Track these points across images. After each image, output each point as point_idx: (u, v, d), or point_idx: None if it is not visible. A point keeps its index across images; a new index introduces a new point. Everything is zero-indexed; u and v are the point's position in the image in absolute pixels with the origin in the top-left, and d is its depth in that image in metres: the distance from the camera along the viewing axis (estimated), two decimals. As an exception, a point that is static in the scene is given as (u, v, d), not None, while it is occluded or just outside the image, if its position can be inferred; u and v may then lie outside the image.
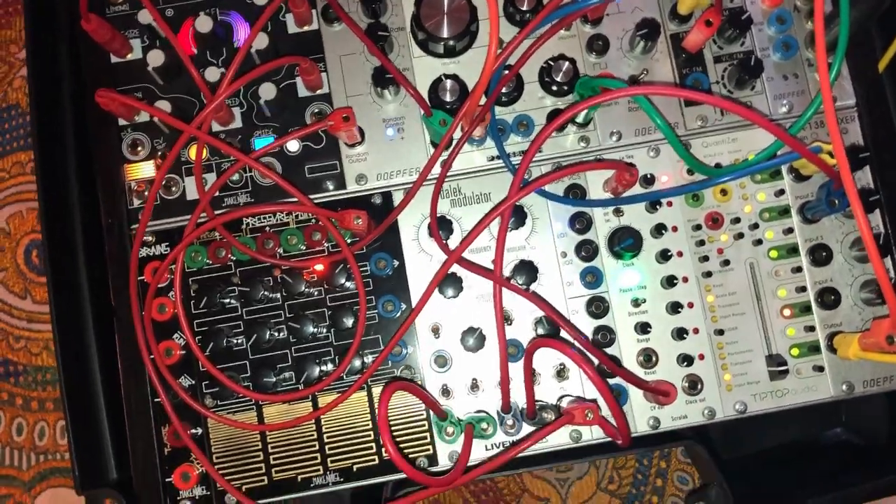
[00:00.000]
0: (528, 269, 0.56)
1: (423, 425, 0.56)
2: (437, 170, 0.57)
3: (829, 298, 0.57)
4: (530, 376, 0.52)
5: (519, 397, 0.55)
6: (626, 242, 0.56)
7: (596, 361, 0.53)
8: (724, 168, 0.57)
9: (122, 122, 0.59)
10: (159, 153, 0.58)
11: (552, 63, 0.58)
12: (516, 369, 0.54)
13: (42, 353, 0.71)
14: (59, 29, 0.62)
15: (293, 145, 0.59)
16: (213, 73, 0.58)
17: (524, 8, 0.58)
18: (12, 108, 0.74)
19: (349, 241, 0.56)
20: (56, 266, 0.58)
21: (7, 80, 0.74)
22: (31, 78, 0.59)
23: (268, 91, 0.57)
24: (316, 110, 0.59)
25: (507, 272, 0.57)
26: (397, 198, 0.59)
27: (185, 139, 0.54)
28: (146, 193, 0.58)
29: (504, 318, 0.56)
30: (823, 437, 0.65)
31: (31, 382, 0.71)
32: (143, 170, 0.59)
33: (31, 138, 0.59)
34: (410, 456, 0.56)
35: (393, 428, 0.56)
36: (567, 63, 0.57)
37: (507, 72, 0.57)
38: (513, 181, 0.53)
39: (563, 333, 0.56)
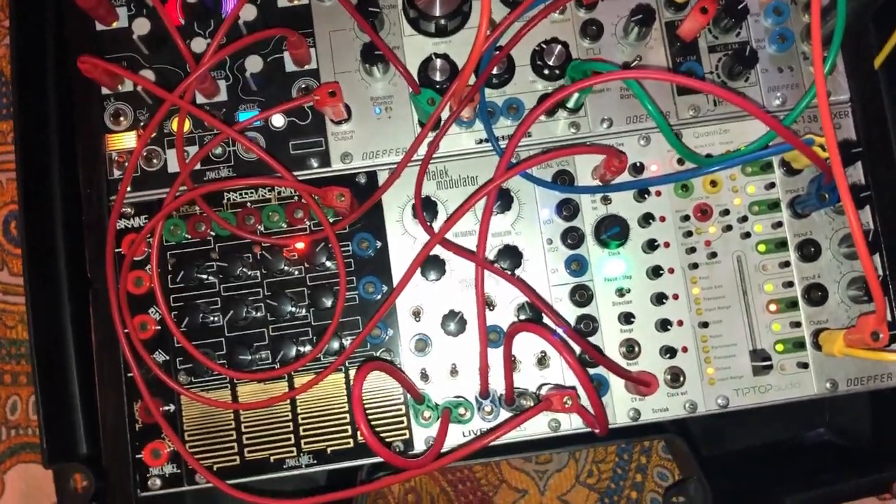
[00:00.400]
0: (512, 255, 0.56)
1: (400, 409, 0.55)
2: (423, 150, 0.56)
3: (816, 295, 0.56)
4: (510, 361, 0.51)
5: (499, 384, 0.54)
6: (612, 231, 0.55)
7: (577, 349, 0.53)
8: (714, 157, 0.56)
9: (105, 91, 0.58)
10: (142, 124, 0.57)
11: (544, 46, 0.57)
12: (496, 355, 0.53)
13: (17, 326, 0.70)
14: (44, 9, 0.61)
15: (278, 120, 0.57)
16: (199, 44, 0.57)
17: (517, -9, 0.57)
18: (-4, 76, 0.72)
19: (332, 219, 0.55)
20: (32, 235, 0.57)
21: (-9, 47, 0.72)
22: (13, 45, 0.58)
23: (254, 64, 0.56)
24: (303, 86, 0.58)
25: (491, 256, 0.56)
26: (382, 178, 0.58)
27: (167, 108, 0.53)
28: (126, 164, 0.57)
29: (486, 303, 0.55)
30: (806, 437, 0.64)
31: (5, 356, 0.69)
32: (124, 140, 0.57)
33: (13, 107, 0.58)
34: (386, 440, 0.55)
35: (369, 410, 0.55)
36: (559, 46, 0.56)
37: (497, 52, 0.56)
38: (499, 162, 0.52)
39: (546, 320, 0.55)
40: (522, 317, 0.56)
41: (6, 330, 0.70)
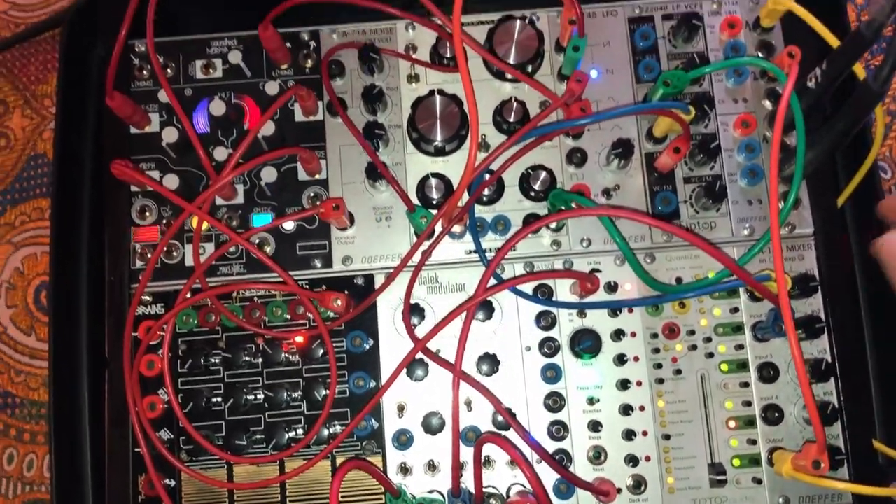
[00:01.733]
0: (491, 361, 0.61)
1: (380, 499, 0.60)
2: (417, 257, 0.61)
3: (772, 415, 0.60)
4: (479, 464, 0.56)
5: (472, 483, 0.58)
6: (585, 344, 0.60)
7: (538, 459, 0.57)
8: (676, 286, 0.61)
9: (133, 188, 0.64)
10: (165, 220, 0.63)
11: (531, 172, 0.62)
12: (471, 454, 0.58)
13: (39, 389, 0.75)
14: (87, 100, 0.68)
15: (288, 224, 0.63)
16: (221, 153, 0.63)
17: (511, 119, 0.63)
18: (39, 156, 0.79)
19: (332, 315, 0.61)
20: (58, 316, 0.63)
21: (38, 131, 0.80)
22: (56, 143, 0.64)
23: (269, 174, 0.62)
24: (312, 194, 0.64)
25: (471, 360, 0.61)
26: (379, 280, 0.63)
27: (185, 216, 0.59)
28: (149, 256, 0.63)
29: (465, 404, 0.60)
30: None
31: (27, 415, 0.75)
32: (148, 234, 0.64)
33: (52, 199, 0.64)
34: (365, 527, 0.60)
35: (350, 500, 0.60)
36: (545, 173, 0.62)
37: (488, 176, 0.61)
38: (481, 280, 0.58)
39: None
40: (500, 418, 0.60)
41: (30, 391, 0.75)
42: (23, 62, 0.82)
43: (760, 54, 0.65)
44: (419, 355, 0.60)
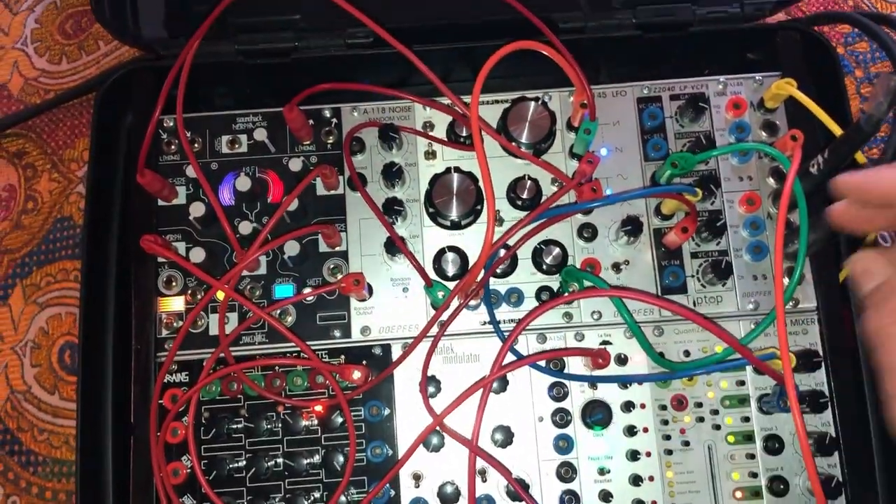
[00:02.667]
0: (505, 432, 0.62)
1: (397, 566, 0.62)
2: (433, 329, 0.63)
3: (778, 487, 0.62)
4: (495, 537, 0.58)
5: (485, 551, 0.60)
6: (596, 416, 0.62)
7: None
8: (683, 364, 0.62)
9: (160, 259, 0.66)
10: (190, 290, 0.66)
11: (544, 247, 0.65)
12: (485, 524, 0.60)
13: (62, 447, 0.77)
14: (115, 171, 0.71)
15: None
16: (245, 227, 0.65)
17: (524, 196, 0.65)
18: (66, 219, 0.82)
19: (351, 385, 0.63)
20: (86, 383, 0.65)
21: (65, 194, 0.82)
22: (86, 216, 0.67)
23: (292, 248, 0.64)
24: (332, 265, 0.66)
25: (486, 430, 0.63)
26: (396, 350, 0.65)
27: (214, 293, 0.61)
28: (174, 325, 0.65)
29: (480, 473, 0.62)
30: None
31: (49, 473, 0.77)
32: (173, 304, 0.66)
33: (81, 270, 0.67)
34: None
35: (368, 566, 0.61)
36: (557, 249, 0.64)
37: (503, 251, 0.64)
38: (497, 357, 0.60)
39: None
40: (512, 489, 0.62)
41: (52, 450, 0.77)
42: (51, 127, 0.85)
43: (764, 134, 0.67)
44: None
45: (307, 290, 0.65)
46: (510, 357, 0.61)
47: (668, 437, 0.63)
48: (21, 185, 0.84)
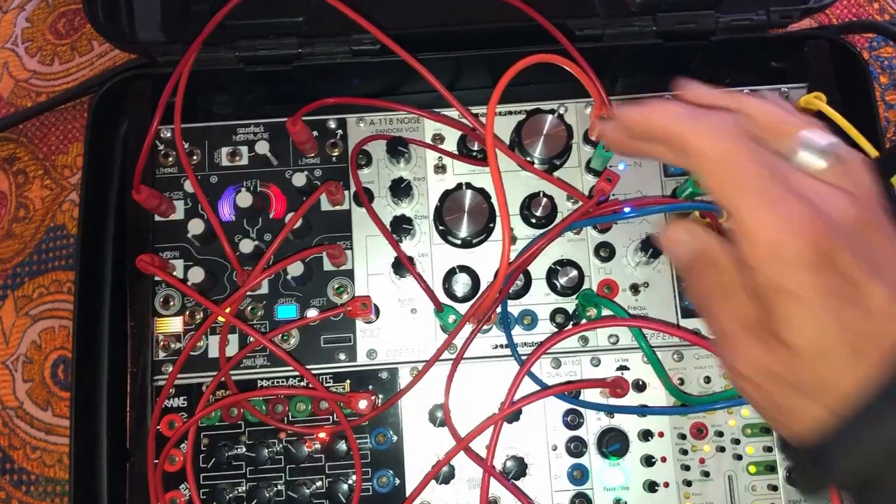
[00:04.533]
0: (518, 463, 0.60)
1: None
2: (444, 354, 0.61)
3: (801, 520, 0.59)
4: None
5: (497, 586, 0.58)
6: (613, 447, 0.59)
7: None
8: (702, 398, 0.60)
9: (157, 277, 0.63)
10: (188, 311, 0.63)
11: (559, 268, 0.62)
12: (497, 559, 0.57)
13: (55, 466, 0.75)
14: (110, 182, 0.67)
15: (312, 315, 0.63)
16: (247, 245, 0.62)
17: (538, 213, 0.62)
18: (58, 228, 0.79)
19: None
20: (80, 408, 0.62)
21: (58, 201, 0.79)
22: (80, 230, 0.64)
23: (295, 268, 0.61)
24: (337, 285, 0.63)
25: (498, 463, 0.60)
26: (403, 374, 0.62)
27: (214, 318, 0.58)
28: (171, 346, 0.62)
29: (492, 503, 0.59)
30: None
31: (42, 493, 0.74)
32: (171, 324, 0.63)
33: (74, 284, 0.64)
34: None
35: None
36: (574, 271, 0.62)
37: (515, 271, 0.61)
38: (512, 386, 0.57)
39: (545, 528, 0.59)
40: (524, 519, 0.60)
41: (45, 468, 0.75)
42: (43, 132, 0.81)
43: (790, 149, 0.64)
44: (441, 455, 0.59)
45: (312, 314, 0.62)
46: (526, 382, 0.59)
47: (687, 468, 0.61)
48: (12, 191, 0.81)
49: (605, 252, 0.63)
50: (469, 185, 0.63)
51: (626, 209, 0.60)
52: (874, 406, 0.32)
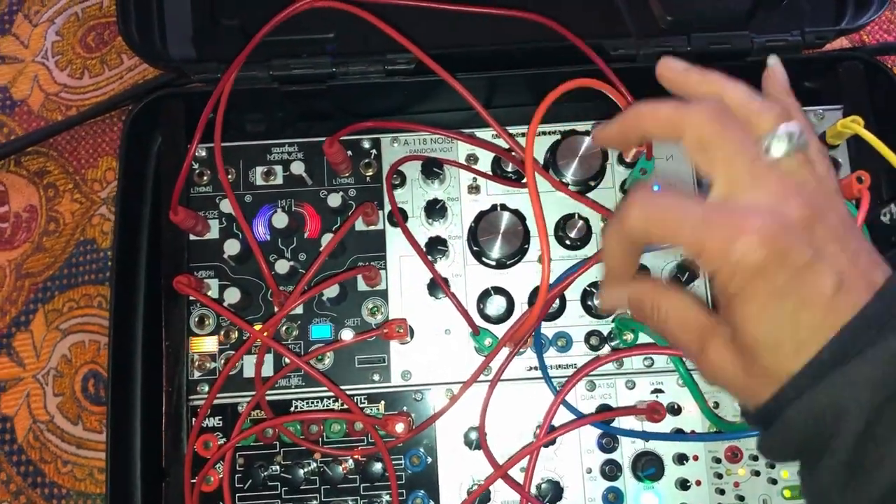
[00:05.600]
0: (553, 487, 0.60)
1: None
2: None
3: (836, 545, 0.59)
4: None
5: None
6: (648, 471, 0.59)
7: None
8: (736, 425, 0.60)
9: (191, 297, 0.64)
10: (223, 330, 0.63)
11: (594, 290, 0.62)
12: (532, 583, 0.57)
13: (86, 480, 0.75)
14: (143, 202, 0.68)
15: (347, 336, 0.63)
16: (282, 266, 0.62)
17: (573, 235, 0.62)
18: (88, 242, 0.79)
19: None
20: (116, 425, 0.62)
21: (87, 215, 0.79)
22: (115, 248, 0.64)
23: (331, 290, 0.61)
24: (371, 305, 0.63)
25: (532, 486, 0.60)
26: (437, 395, 0.62)
27: (252, 343, 0.58)
28: (206, 366, 0.62)
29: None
30: None
31: (72, 507, 0.75)
32: (206, 344, 0.63)
33: (110, 303, 0.64)
34: None
35: None
36: (609, 294, 0.61)
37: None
38: (548, 413, 0.57)
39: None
40: (558, 541, 0.60)
41: (76, 482, 0.75)
42: (73, 145, 0.82)
43: (825, 171, 0.64)
44: (476, 477, 0.59)
45: (346, 335, 0.62)
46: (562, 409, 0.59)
47: (721, 492, 0.61)
48: (42, 205, 0.81)
49: (640, 275, 0.63)
50: (504, 207, 0.63)
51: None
52: (817, 364, 0.35)
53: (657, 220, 0.39)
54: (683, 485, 0.60)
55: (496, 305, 0.62)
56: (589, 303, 0.62)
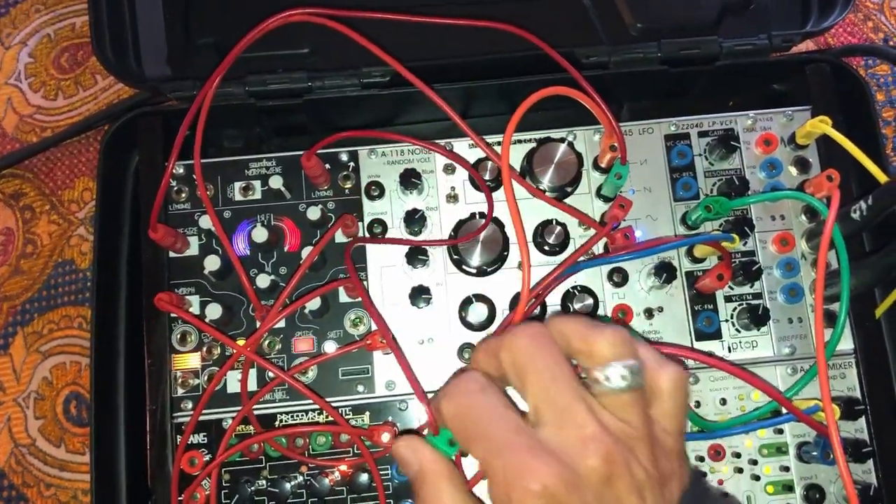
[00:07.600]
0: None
1: None
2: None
3: (820, 538, 0.60)
4: None
5: None
6: (633, 472, 0.60)
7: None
8: (720, 423, 0.60)
9: (173, 314, 0.63)
10: (206, 347, 0.63)
11: (576, 293, 0.63)
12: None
13: (70, 503, 0.74)
14: (122, 219, 0.68)
15: (330, 348, 0.63)
16: (263, 280, 0.62)
17: (551, 241, 0.63)
18: (67, 263, 0.79)
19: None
20: (99, 448, 0.62)
21: (66, 236, 0.79)
22: (94, 271, 0.64)
23: (313, 302, 0.61)
24: (354, 317, 0.64)
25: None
26: (421, 405, 0.62)
27: (236, 358, 0.58)
28: (190, 383, 0.62)
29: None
30: None
31: (57, 531, 0.74)
32: (189, 361, 0.63)
33: (91, 330, 0.64)
34: None
35: None
36: (590, 298, 0.62)
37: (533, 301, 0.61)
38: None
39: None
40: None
41: (59, 506, 0.74)
42: (49, 167, 0.81)
43: (796, 171, 0.65)
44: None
45: (329, 347, 0.62)
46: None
47: (706, 490, 0.61)
48: (19, 227, 0.81)
49: (619, 277, 0.64)
50: (482, 215, 0.63)
51: (637, 232, 0.61)
52: None
53: (463, 420, 0.40)
54: (668, 484, 0.61)
55: (478, 313, 0.62)
56: (568, 306, 0.63)
